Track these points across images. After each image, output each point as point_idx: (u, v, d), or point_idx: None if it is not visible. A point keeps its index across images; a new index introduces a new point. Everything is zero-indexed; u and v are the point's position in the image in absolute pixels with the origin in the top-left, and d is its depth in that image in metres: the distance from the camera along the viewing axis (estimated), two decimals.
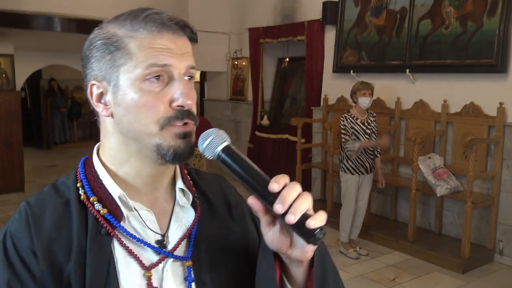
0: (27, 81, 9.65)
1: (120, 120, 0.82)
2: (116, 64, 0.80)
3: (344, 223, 4.51)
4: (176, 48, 0.80)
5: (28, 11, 5.46)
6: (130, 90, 0.79)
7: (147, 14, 0.80)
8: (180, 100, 0.79)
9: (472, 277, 4.09)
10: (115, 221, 0.81)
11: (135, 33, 0.80)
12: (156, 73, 0.78)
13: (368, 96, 4.34)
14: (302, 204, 0.72)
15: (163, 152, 0.80)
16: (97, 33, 0.84)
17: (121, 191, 0.83)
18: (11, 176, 6.44)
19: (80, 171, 0.87)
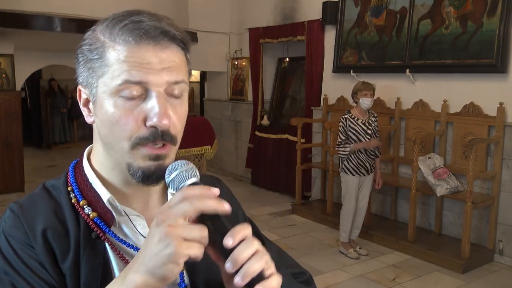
0: (27, 81, 9.65)
1: (99, 130, 0.80)
2: (96, 73, 0.76)
3: (344, 223, 4.52)
4: (157, 62, 0.74)
5: (28, 11, 5.45)
6: (106, 104, 0.76)
7: (125, 23, 0.74)
8: (153, 120, 0.74)
9: (472, 277, 4.09)
10: (105, 226, 0.80)
11: (113, 43, 0.75)
12: (129, 89, 0.73)
13: (369, 97, 4.34)
14: (254, 265, 0.65)
15: (131, 172, 0.77)
16: (87, 36, 0.80)
17: (110, 195, 0.81)
18: (11, 176, 6.44)
19: (70, 174, 0.86)
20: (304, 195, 6.24)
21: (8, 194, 6.41)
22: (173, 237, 0.63)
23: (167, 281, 0.66)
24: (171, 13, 6.66)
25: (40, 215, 0.78)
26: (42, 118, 11.41)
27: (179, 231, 0.64)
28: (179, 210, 0.65)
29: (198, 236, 0.64)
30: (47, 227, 0.77)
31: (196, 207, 0.65)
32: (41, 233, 0.76)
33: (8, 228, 0.77)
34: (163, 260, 0.63)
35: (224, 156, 7.92)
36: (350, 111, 4.45)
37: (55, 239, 0.76)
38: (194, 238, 0.64)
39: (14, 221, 0.78)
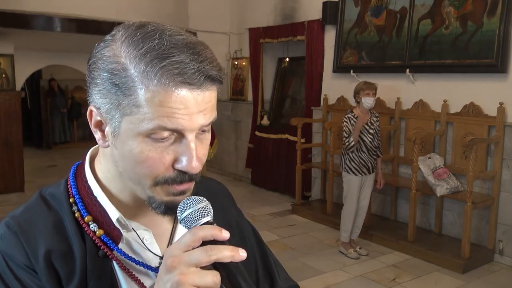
0: (27, 81, 9.66)
1: (116, 160, 0.73)
2: (120, 109, 0.68)
3: (346, 223, 4.51)
4: (194, 105, 0.67)
5: (28, 11, 5.46)
6: (131, 141, 0.69)
7: (164, 65, 0.64)
8: (184, 165, 0.69)
9: (472, 277, 4.09)
10: (113, 243, 0.75)
11: (146, 81, 0.65)
12: (163, 135, 0.68)
13: (371, 96, 4.35)
14: None
15: (154, 205, 0.73)
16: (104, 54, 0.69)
17: (119, 214, 0.76)
18: (11, 176, 6.44)
19: (71, 185, 0.79)
20: (304, 195, 6.23)
21: (8, 194, 6.42)
22: (185, 284, 0.60)
23: None
24: (171, 13, 6.66)
25: (41, 234, 0.73)
26: (42, 118, 11.41)
27: (192, 278, 0.61)
28: (193, 259, 0.62)
29: (211, 283, 0.62)
30: (50, 249, 0.71)
31: (211, 258, 0.62)
32: (44, 256, 0.70)
33: (5, 248, 0.71)
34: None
35: (224, 156, 7.92)
36: (352, 111, 4.45)
37: (60, 261, 0.71)
38: (207, 285, 0.61)
39: (13, 241, 0.72)
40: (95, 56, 0.71)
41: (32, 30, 5.64)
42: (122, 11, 6.03)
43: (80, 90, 12.03)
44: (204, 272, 0.62)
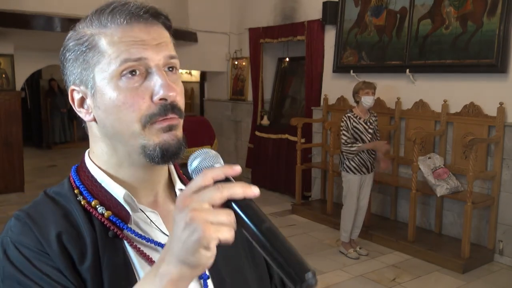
0: (27, 81, 9.65)
1: (104, 124, 0.78)
2: (90, 64, 0.76)
3: (346, 223, 4.51)
4: (150, 39, 0.75)
5: (28, 11, 5.46)
6: (108, 89, 0.75)
7: (113, 7, 0.76)
8: (161, 93, 0.74)
9: (472, 277, 4.09)
10: (122, 222, 0.78)
11: (104, 29, 0.76)
12: (131, 68, 0.74)
13: (371, 95, 4.36)
14: None
15: (149, 153, 0.75)
16: (69, 36, 0.80)
17: (126, 191, 0.79)
18: (11, 176, 6.44)
19: (74, 178, 0.83)
20: (304, 195, 6.24)
21: (8, 194, 6.42)
22: (199, 221, 0.59)
23: (202, 268, 0.63)
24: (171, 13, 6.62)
25: (51, 221, 0.75)
26: (42, 118, 11.42)
27: (205, 215, 0.60)
28: (205, 196, 0.61)
29: (226, 220, 0.61)
30: (60, 232, 0.73)
31: (224, 194, 0.62)
32: (56, 238, 0.72)
33: (16, 237, 0.73)
34: (192, 246, 0.60)
35: (224, 156, 7.75)
36: (352, 110, 4.45)
37: (71, 242, 0.73)
38: (221, 223, 0.60)
39: (23, 229, 0.73)
40: (63, 45, 0.81)
41: (32, 30, 5.64)
42: None
43: None
44: (218, 210, 0.61)
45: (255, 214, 0.62)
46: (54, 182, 3.28)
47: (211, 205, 0.61)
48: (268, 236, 0.61)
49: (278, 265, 0.60)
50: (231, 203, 0.63)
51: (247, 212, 0.62)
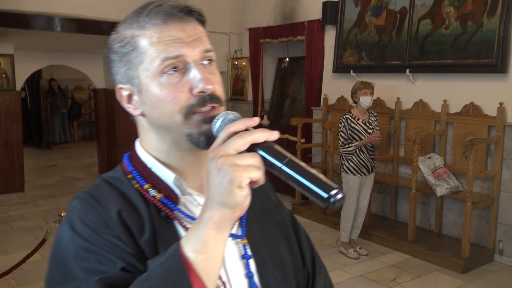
0: (27, 81, 9.65)
1: (150, 117, 0.84)
2: (134, 64, 0.82)
3: (345, 223, 4.51)
4: (186, 36, 0.81)
5: (28, 11, 5.45)
6: (151, 86, 0.81)
7: (149, 9, 0.81)
8: (199, 86, 0.80)
9: (472, 277, 4.09)
10: (172, 204, 0.84)
11: (143, 31, 0.81)
12: (171, 65, 0.80)
13: (369, 95, 4.35)
14: None
15: (195, 140, 0.81)
16: (113, 38, 0.86)
17: (175, 175, 0.85)
18: (11, 176, 6.44)
19: (127, 164, 0.89)
20: (304, 195, 6.22)
21: (8, 194, 6.41)
22: (228, 164, 0.66)
23: (241, 208, 0.69)
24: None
25: (111, 200, 0.81)
26: (42, 118, 11.41)
27: (233, 159, 0.66)
28: (230, 144, 0.68)
29: (252, 161, 0.67)
30: (120, 209, 0.80)
31: (247, 140, 0.68)
32: (117, 214, 0.79)
33: (81, 214, 0.79)
34: (227, 187, 0.66)
35: None
36: (350, 111, 4.45)
37: (130, 218, 0.80)
38: (249, 164, 0.67)
39: (86, 207, 0.80)
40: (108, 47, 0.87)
41: (32, 30, 5.64)
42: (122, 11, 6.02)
43: (80, 90, 12.04)
44: (243, 154, 0.68)
45: (277, 152, 0.69)
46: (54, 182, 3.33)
47: (237, 152, 0.68)
48: (291, 167, 0.68)
49: (306, 190, 0.67)
50: (255, 148, 0.69)
51: (270, 152, 0.69)
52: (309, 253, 1.05)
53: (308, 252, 1.04)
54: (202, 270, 0.69)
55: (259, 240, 0.91)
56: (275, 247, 0.94)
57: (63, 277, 0.75)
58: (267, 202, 1.01)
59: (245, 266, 0.87)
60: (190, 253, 0.69)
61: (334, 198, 0.64)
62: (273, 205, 1.02)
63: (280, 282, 0.90)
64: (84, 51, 7.53)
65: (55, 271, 0.78)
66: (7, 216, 5.93)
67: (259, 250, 0.89)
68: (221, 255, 0.72)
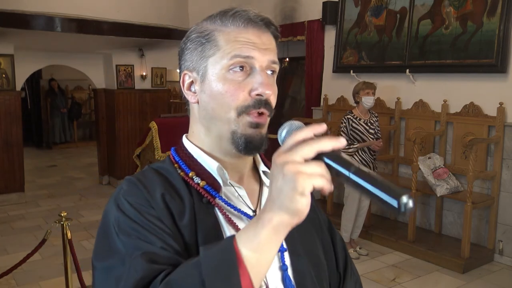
0: (27, 81, 9.65)
1: (205, 107, 0.89)
2: (206, 55, 0.88)
3: (346, 223, 4.51)
4: (260, 43, 0.87)
5: (28, 11, 5.45)
6: (216, 78, 0.86)
7: (235, 11, 0.87)
8: (259, 90, 0.85)
9: (472, 277, 4.09)
10: (214, 191, 0.89)
11: (223, 28, 0.87)
12: (239, 64, 0.85)
13: (371, 95, 4.36)
14: None
15: (236, 140, 0.86)
16: (193, 29, 0.92)
17: (218, 164, 0.90)
18: (11, 176, 6.44)
19: (173, 155, 0.95)
20: None
21: (8, 194, 6.41)
22: (293, 171, 0.67)
23: (300, 215, 0.70)
24: (171, 13, 6.66)
25: (156, 184, 0.87)
26: (42, 118, 11.41)
27: (298, 166, 0.68)
28: (297, 151, 0.69)
29: (318, 170, 0.68)
30: (164, 193, 0.85)
31: (314, 148, 0.69)
32: (160, 196, 0.84)
33: (127, 194, 0.85)
34: (289, 193, 0.68)
35: None
36: (352, 111, 4.45)
37: (172, 202, 0.85)
38: (314, 172, 0.68)
39: (133, 188, 0.86)
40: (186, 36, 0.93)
41: (32, 30, 5.63)
42: (122, 11, 6.03)
43: (80, 90, 12.04)
44: (309, 162, 0.69)
45: (344, 161, 0.69)
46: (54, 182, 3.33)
47: (304, 159, 0.69)
48: (359, 175, 0.67)
49: (375, 198, 0.66)
50: (322, 157, 0.70)
51: (337, 161, 0.70)
52: (343, 257, 1.07)
53: (341, 256, 1.06)
54: (252, 268, 0.70)
55: (295, 235, 0.91)
56: (311, 244, 0.97)
57: (108, 251, 0.80)
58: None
59: (280, 258, 0.90)
60: (244, 249, 0.71)
61: (404, 205, 0.63)
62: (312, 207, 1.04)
63: (314, 278, 0.93)
64: (84, 51, 7.53)
65: (101, 245, 0.82)
66: (7, 216, 5.93)
67: (294, 245, 0.92)
68: (272, 257, 0.73)
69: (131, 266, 0.75)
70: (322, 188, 0.69)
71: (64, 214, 3.14)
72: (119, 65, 7.29)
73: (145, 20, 6.21)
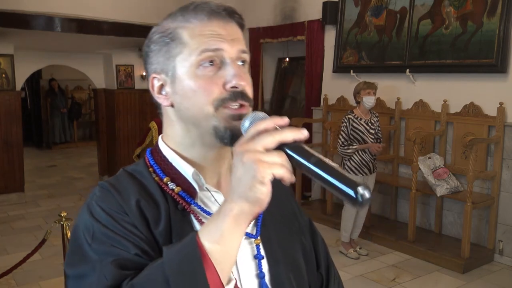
0: (27, 81, 9.65)
1: (179, 108, 0.86)
2: (172, 54, 0.85)
3: (346, 223, 4.51)
4: (226, 34, 0.84)
5: (28, 11, 5.45)
6: (186, 77, 0.84)
7: (196, 5, 0.85)
8: (233, 82, 0.82)
9: (472, 277, 4.09)
10: (190, 197, 0.86)
11: (186, 23, 0.84)
12: (209, 58, 0.82)
13: (372, 95, 4.35)
14: None
15: (220, 134, 0.83)
16: (154, 30, 0.89)
17: (194, 169, 0.87)
18: (11, 176, 6.44)
19: (149, 158, 0.92)
20: (304, 195, 6.23)
21: (8, 194, 6.41)
22: (253, 159, 0.67)
23: (260, 204, 0.70)
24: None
25: (130, 190, 0.84)
26: (42, 118, 11.42)
27: (259, 155, 0.68)
28: (258, 141, 0.69)
29: (278, 159, 0.68)
30: (139, 199, 0.82)
31: (275, 138, 0.69)
32: (135, 203, 0.82)
33: (100, 201, 0.82)
34: (249, 182, 0.68)
35: None
36: (353, 111, 4.45)
37: (148, 208, 0.82)
38: (274, 161, 0.68)
39: (106, 194, 0.83)
40: (148, 38, 0.89)
41: (32, 30, 5.64)
42: (122, 11, 6.03)
43: (80, 90, 12.04)
44: (270, 152, 0.69)
45: (305, 152, 0.70)
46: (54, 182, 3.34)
47: (265, 149, 0.69)
48: (319, 166, 0.68)
49: (333, 188, 0.67)
50: (283, 147, 0.70)
51: (298, 152, 0.70)
52: (325, 259, 1.06)
53: (323, 258, 1.05)
54: (216, 261, 0.70)
55: (274, 242, 0.91)
56: (289, 249, 0.95)
57: (80, 259, 0.78)
58: (286, 207, 1.02)
59: (257, 266, 0.88)
60: (207, 243, 0.70)
61: (361, 197, 0.65)
62: (292, 211, 1.03)
63: (293, 284, 0.91)
64: (84, 51, 7.53)
65: (73, 253, 0.81)
66: (7, 216, 5.93)
67: (272, 251, 0.90)
68: (236, 248, 0.73)
69: (102, 273, 0.74)
70: (282, 177, 0.68)
71: (64, 214, 3.14)
72: (119, 65, 7.29)
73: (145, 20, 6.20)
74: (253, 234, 0.90)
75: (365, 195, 0.65)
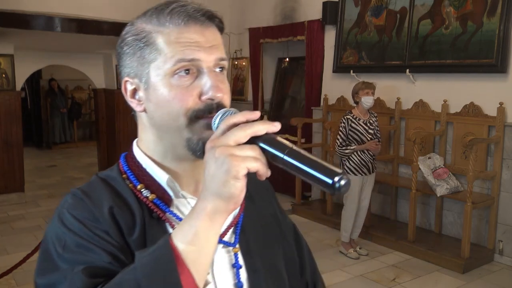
0: (27, 81, 9.65)
1: (152, 115, 0.83)
2: (147, 60, 0.81)
3: (346, 223, 4.51)
4: (204, 41, 0.80)
5: (28, 11, 5.45)
6: (160, 85, 0.80)
7: (172, 8, 0.80)
8: (209, 94, 0.79)
9: (472, 277, 4.09)
10: (164, 205, 0.83)
11: (162, 28, 0.80)
12: (184, 68, 0.78)
13: (371, 95, 4.35)
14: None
15: (193, 146, 0.80)
16: (128, 30, 0.84)
17: (168, 176, 0.84)
18: (11, 176, 6.44)
19: (122, 164, 0.89)
20: (304, 195, 6.23)
21: (8, 194, 6.41)
22: (225, 154, 0.65)
23: (235, 200, 0.67)
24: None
25: (103, 197, 0.81)
26: (42, 118, 11.41)
27: (231, 149, 0.66)
28: (230, 136, 0.67)
29: (251, 153, 0.66)
30: (112, 206, 0.79)
31: (247, 132, 0.67)
32: (108, 210, 0.79)
33: (72, 209, 0.79)
34: (223, 177, 0.65)
35: None
36: (351, 112, 4.45)
37: (121, 215, 0.79)
38: (247, 155, 0.66)
39: (79, 202, 0.80)
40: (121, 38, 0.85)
41: (32, 30, 5.64)
42: (122, 11, 6.03)
43: (80, 90, 12.04)
44: (242, 146, 0.67)
45: (278, 143, 0.69)
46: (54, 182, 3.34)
47: (237, 143, 0.67)
48: (294, 156, 0.67)
49: (310, 178, 0.65)
50: (256, 140, 0.68)
51: (271, 144, 0.68)
52: (310, 265, 1.03)
53: (308, 262, 1.03)
54: (191, 262, 0.67)
55: (253, 249, 0.89)
56: (270, 257, 0.92)
57: (50, 267, 0.75)
58: (268, 211, 0.99)
59: (235, 275, 0.85)
60: (180, 244, 0.67)
61: (339, 183, 0.63)
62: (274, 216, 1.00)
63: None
64: (84, 51, 7.53)
65: (43, 261, 0.78)
66: (7, 216, 5.93)
67: (252, 259, 0.87)
68: (212, 248, 0.70)
69: (73, 281, 0.71)
70: (257, 170, 0.66)
71: None
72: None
73: None
74: (231, 242, 0.87)
75: (342, 183, 0.63)
